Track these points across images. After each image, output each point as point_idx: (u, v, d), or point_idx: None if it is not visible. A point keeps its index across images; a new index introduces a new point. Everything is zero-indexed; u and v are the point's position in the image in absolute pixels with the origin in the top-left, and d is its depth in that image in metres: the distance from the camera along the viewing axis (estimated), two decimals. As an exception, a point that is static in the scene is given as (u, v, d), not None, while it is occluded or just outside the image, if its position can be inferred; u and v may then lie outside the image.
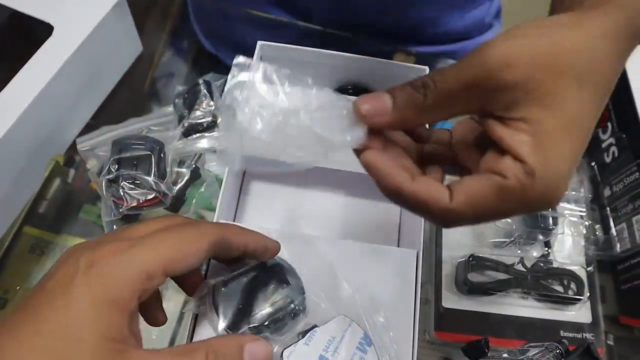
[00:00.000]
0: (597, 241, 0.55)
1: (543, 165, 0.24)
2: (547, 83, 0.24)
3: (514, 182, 0.24)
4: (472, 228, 0.56)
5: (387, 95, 0.27)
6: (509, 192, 0.24)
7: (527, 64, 0.24)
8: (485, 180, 0.25)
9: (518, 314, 0.53)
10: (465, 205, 0.25)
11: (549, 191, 0.25)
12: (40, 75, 0.52)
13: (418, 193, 0.26)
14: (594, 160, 0.60)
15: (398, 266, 0.45)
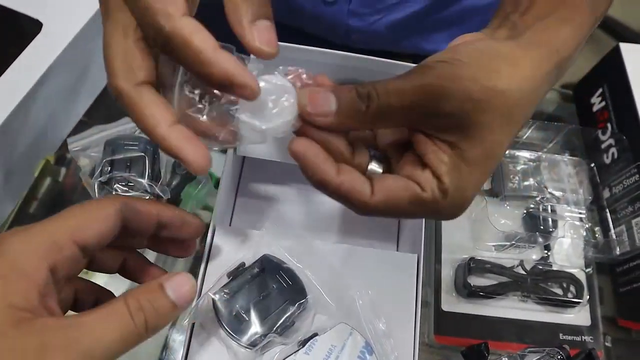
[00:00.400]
0: (596, 244, 0.54)
1: (456, 187, 0.27)
2: (477, 117, 0.26)
3: (429, 195, 0.27)
4: (472, 231, 0.55)
5: (333, 97, 0.28)
6: (423, 202, 0.28)
7: (463, 99, 0.26)
8: (404, 185, 0.28)
9: (517, 317, 0.52)
10: (383, 204, 0.28)
11: (455, 209, 0.28)
12: (29, 73, 0.51)
13: (341, 186, 0.28)
14: (593, 162, 0.60)
15: (399, 270, 0.44)
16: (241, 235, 0.44)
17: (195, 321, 0.39)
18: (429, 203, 0.28)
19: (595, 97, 0.63)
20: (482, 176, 0.28)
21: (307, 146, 0.28)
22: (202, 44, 0.24)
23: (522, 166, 0.58)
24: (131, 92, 0.27)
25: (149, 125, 0.27)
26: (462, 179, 0.27)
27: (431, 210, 0.28)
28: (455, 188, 0.27)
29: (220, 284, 0.40)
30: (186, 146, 0.27)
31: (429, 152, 0.28)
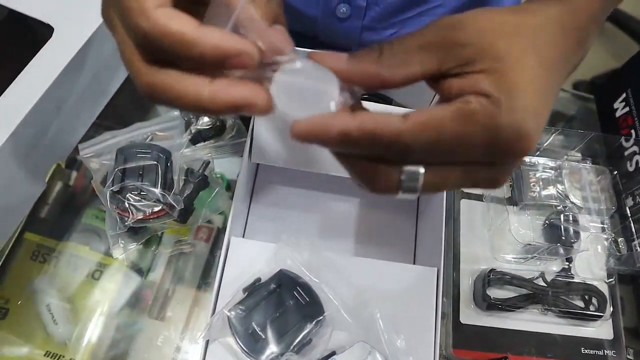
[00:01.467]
0: (620, 256, 0.53)
1: (508, 97, 0.23)
2: (500, 42, 0.24)
3: (477, 106, 0.23)
4: (491, 241, 0.54)
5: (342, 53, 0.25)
6: (473, 116, 0.22)
7: (475, 26, 0.24)
8: (445, 105, 0.23)
9: (538, 330, 0.51)
10: (422, 126, 0.22)
11: (519, 126, 0.23)
12: (41, 78, 0.50)
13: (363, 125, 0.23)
14: (616, 169, 0.58)
15: (418, 285, 0.43)
16: (256, 248, 0.43)
17: (211, 338, 0.38)
18: (479, 114, 0.22)
19: (618, 102, 0.62)
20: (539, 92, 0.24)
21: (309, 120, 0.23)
22: (181, 27, 0.23)
23: (543, 174, 0.56)
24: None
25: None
26: (514, 88, 0.23)
27: (486, 125, 0.22)
28: (508, 98, 0.22)
29: (235, 300, 0.39)
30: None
31: (465, 84, 0.23)
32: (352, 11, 0.53)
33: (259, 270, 0.41)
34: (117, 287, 0.51)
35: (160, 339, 0.49)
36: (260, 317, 0.38)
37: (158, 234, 0.53)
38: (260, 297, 0.38)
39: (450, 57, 0.24)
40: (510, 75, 0.23)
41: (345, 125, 0.22)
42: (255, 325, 0.37)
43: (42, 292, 0.51)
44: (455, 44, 0.24)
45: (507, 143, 0.23)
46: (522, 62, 0.24)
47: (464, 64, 0.24)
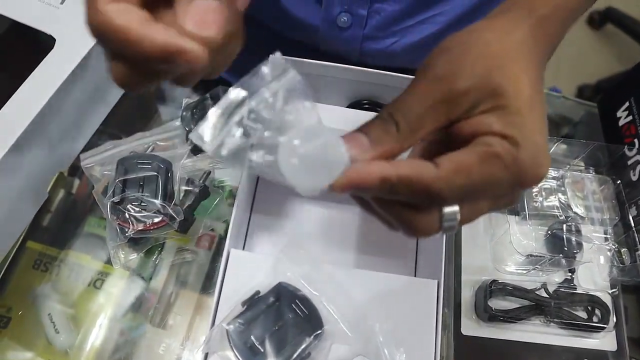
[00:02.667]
0: (623, 268, 0.52)
1: (522, 136, 0.25)
2: (494, 77, 0.26)
3: (500, 149, 0.25)
4: (493, 252, 0.54)
5: (361, 134, 0.26)
6: (497, 158, 0.25)
7: (470, 69, 0.26)
8: (470, 149, 0.25)
9: (540, 342, 0.51)
10: (454, 172, 0.24)
11: (536, 159, 0.25)
12: (43, 88, 0.50)
13: (400, 172, 0.24)
14: (619, 179, 0.58)
15: (418, 297, 0.43)
16: (256, 260, 0.43)
17: (210, 351, 0.38)
18: (503, 157, 0.24)
19: (621, 111, 0.61)
20: (540, 122, 0.26)
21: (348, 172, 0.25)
22: (127, 23, 0.22)
23: (545, 184, 0.56)
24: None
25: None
26: (523, 129, 0.25)
27: (510, 167, 0.25)
28: (523, 138, 0.25)
29: (234, 313, 0.39)
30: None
31: (475, 124, 0.26)
32: (353, 20, 0.53)
33: (259, 283, 0.41)
34: (119, 293, 0.51)
35: (162, 347, 0.49)
36: (259, 330, 0.38)
37: (160, 243, 0.53)
38: (259, 310, 0.38)
39: (457, 108, 0.26)
40: (515, 109, 0.25)
41: (384, 171, 0.24)
42: (254, 339, 0.37)
43: (44, 301, 0.51)
44: (458, 95, 0.25)
45: (529, 177, 0.25)
46: (519, 91, 0.26)
47: (470, 108, 0.26)
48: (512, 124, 0.25)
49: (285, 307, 0.39)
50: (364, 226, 0.54)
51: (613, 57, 1.76)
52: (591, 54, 1.71)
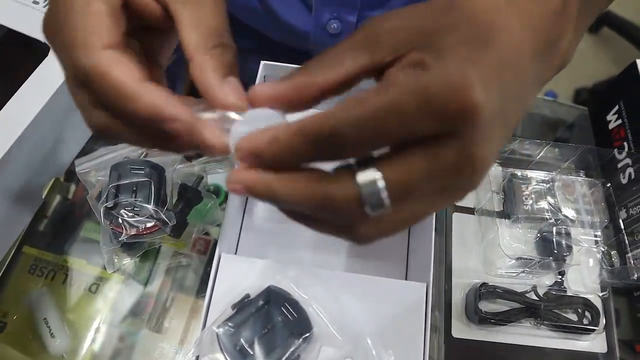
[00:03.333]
0: (613, 270, 0.53)
1: (436, 55, 0.20)
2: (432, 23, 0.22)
3: (399, 74, 0.21)
4: (483, 255, 0.54)
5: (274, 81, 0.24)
6: (395, 82, 0.20)
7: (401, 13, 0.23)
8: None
9: (531, 344, 0.51)
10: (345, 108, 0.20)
11: (450, 72, 0.20)
12: (38, 95, 0.51)
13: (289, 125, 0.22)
14: (609, 182, 0.58)
15: (407, 301, 0.43)
16: (246, 264, 0.43)
17: (200, 354, 0.38)
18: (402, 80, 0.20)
19: (611, 115, 0.62)
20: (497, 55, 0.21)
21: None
22: (122, 77, 0.22)
23: (535, 187, 0.56)
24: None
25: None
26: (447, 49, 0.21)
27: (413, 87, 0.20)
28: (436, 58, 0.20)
29: (224, 316, 0.39)
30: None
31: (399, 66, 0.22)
32: (342, 27, 0.54)
33: (249, 286, 0.41)
34: (115, 298, 0.52)
35: (157, 351, 0.50)
36: (248, 333, 0.38)
37: (156, 247, 0.54)
38: (249, 313, 0.39)
39: (379, 47, 0.22)
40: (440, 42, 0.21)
41: (274, 133, 0.21)
42: (244, 342, 0.38)
43: (40, 306, 0.51)
44: (382, 33, 0.22)
45: (441, 101, 0.19)
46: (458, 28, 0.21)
47: (396, 49, 0.22)
48: (428, 50, 0.21)
49: (275, 310, 0.39)
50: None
51: (610, 60, 1.77)
52: (588, 57, 1.72)
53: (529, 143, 0.58)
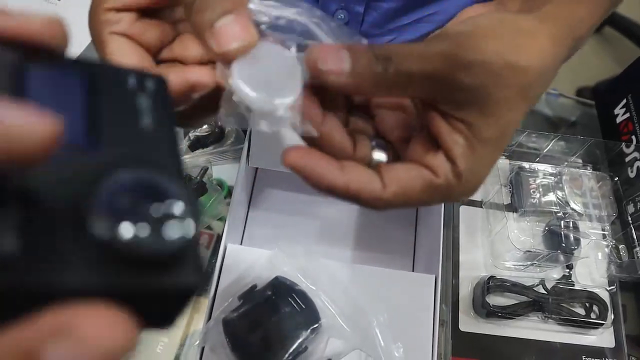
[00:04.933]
0: (621, 263, 0.52)
1: (470, 170, 0.26)
2: (496, 93, 0.25)
3: (443, 181, 0.26)
4: (491, 248, 0.54)
5: (347, 56, 0.25)
6: (437, 189, 0.26)
7: (485, 73, 0.25)
8: (416, 173, 0.27)
9: (538, 338, 0.51)
10: (396, 196, 0.26)
11: (468, 192, 0.27)
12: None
13: (349, 187, 0.26)
14: (617, 176, 0.58)
15: (416, 292, 0.43)
16: (253, 255, 0.42)
17: (206, 345, 0.38)
18: (442, 189, 0.26)
19: (619, 108, 0.61)
20: (496, 156, 0.27)
21: (304, 155, 0.25)
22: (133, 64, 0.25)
23: (543, 180, 0.56)
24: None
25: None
26: (477, 160, 0.26)
27: (443, 196, 0.27)
28: (469, 171, 0.26)
29: (231, 307, 0.38)
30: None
31: (444, 132, 0.26)
32: (350, 17, 0.53)
33: (255, 277, 0.40)
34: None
35: (160, 345, 0.49)
36: (255, 324, 0.38)
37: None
38: (256, 304, 0.38)
39: (447, 98, 0.25)
40: (483, 137, 0.26)
41: (333, 181, 0.25)
42: (251, 333, 0.37)
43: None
44: (459, 87, 0.25)
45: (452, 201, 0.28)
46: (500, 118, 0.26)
47: (455, 107, 0.25)
48: (471, 154, 0.26)
49: (282, 301, 0.39)
50: (361, 221, 0.54)
51: (612, 59, 1.76)
52: (590, 57, 1.71)
53: (536, 136, 0.57)
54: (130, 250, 0.13)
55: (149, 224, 0.13)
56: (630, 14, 1.70)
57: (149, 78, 0.19)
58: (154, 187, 0.14)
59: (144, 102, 0.18)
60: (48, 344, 0.12)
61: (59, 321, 0.13)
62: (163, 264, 0.14)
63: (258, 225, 0.52)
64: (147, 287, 0.14)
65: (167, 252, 0.14)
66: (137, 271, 0.14)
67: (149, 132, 0.18)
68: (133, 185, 0.14)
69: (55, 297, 0.13)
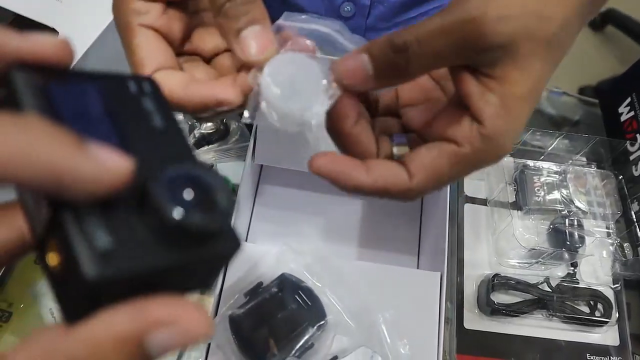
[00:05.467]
0: (626, 261, 0.52)
1: (501, 130, 0.25)
2: (525, 46, 0.24)
3: (468, 149, 0.25)
4: (495, 246, 0.54)
5: (367, 60, 0.25)
6: (464, 159, 0.26)
7: (514, 26, 0.24)
8: (438, 151, 0.26)
9: (543, 336, 0.51)
10: (425, 182, 0.26)
11: (500, 152, 0.26)
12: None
13: (376, 184, 0.26)
14: (621, 174, 0.58)
15: (421, 289, 0.43)
16: (259, 252, 0.42)
17: (212, 342, 0.38)
18: (470, 157, 0.25)
19: (623, 107, 0.61)
20: (529, 111, 0.26)
21: (329, 161, 0.26)
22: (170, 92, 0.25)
23: (547, 178, 0.56)
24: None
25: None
26: (509, 121, 0.25)
27: (474, 163, 0.26)
28: (500, 133, 0.25)
29: (237, 304, 0.38)
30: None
31: (475, 92, 0.25)
32: (356, 10, 0.53)
33: (261, 274, 0.40)
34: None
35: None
36: (261, 321, 0.38)
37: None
38: (262, 301, 0.38)
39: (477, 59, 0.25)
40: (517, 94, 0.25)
41: (360, 182, 0.25)
42: (257, 330, 0.37)
43: (45, 296, 0.51)
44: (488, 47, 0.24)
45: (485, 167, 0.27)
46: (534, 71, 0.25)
47: (487, 65, 0.25)
48: (503, 113, 0.25)
49: (289, 297, 0.39)
50: (367, 218, 0.54)
51: (614, 58, 1.76)
52: (592, 56, 1.71)
53: (541, 134, 0.57)
54: (194, 229, 0.16)
55: (201, 206, 0.16)
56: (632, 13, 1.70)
57: (144, 81, 0.21)
58: (196, 177, 0.17)
59: (148, 104, 0.20)
60: (156, 330, 0.16)
61: (167, 311, 0.16)
62: (214, 237, 0.17)
63: (263, 223, 0.52)
64: (206, 256, 0.17)
65: (218, 227, 0.17)
66: (198, 245, 0.17)
67: (163, 130, 0.20)
68: (181, 177, 0.17)
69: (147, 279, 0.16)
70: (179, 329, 0.16)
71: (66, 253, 0.15)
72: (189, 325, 0.16)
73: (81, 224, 0.16)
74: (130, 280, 0.16)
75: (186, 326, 0.16)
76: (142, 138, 0.19)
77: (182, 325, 0.16)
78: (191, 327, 0.16)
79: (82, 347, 0.16)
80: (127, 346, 0.16)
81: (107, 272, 0.15)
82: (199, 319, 0.16)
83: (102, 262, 0.15)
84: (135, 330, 0.16)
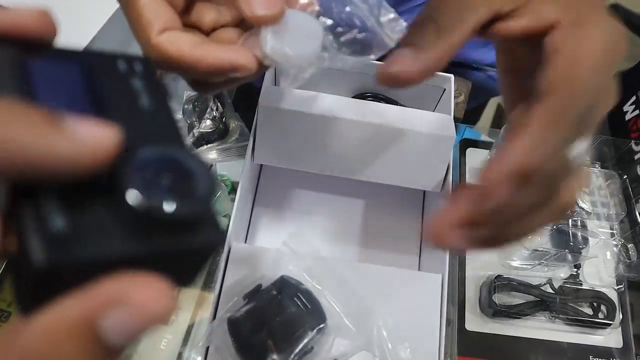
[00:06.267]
0: (629, 263, 0.52)
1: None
2: None
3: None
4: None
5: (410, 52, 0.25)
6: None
7: None
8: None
9: (545, 338, 0.50)
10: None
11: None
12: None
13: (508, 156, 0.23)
14: (626, 174, 0.57)
15: (422, 292, 0.42)
16: (258, 254, 0.42)
17: (210, 345, 0.37)
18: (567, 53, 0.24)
19: (628, 105, 0.60)
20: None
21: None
22: (179, 51, 0.25)
23: (551, 178, 0.55)
24: None
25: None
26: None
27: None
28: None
29: (236, 307, 0.38)
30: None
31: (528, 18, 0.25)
32: None
33: (260, 276, 0.40)
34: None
35: (164, 342, 0.49)
36: (260, 324, 0.37)
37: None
38: (261, 303, 0.38)
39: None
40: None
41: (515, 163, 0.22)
42: (256, 332, 0.37)
43: (44, 295, 0.50)
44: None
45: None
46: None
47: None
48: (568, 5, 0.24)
49: (288, 300, 0.38)
50: (367, 219, 0.53)
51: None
52: (595, 52, 1.70)
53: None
54: (163, 216, 0.15)
55: (174, 192, 0.15)
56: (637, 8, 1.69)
57: (136, 61, 0.20)
58: (172, 160, 0.16)
59: (137, 84, 0.19)
60: (106, 312, 0.14)
61: (115, 291, 0.14)
62: (190, 226, 0.16)
63: (263, 223, 0.52)
64: (179, 247, 0.16)
65: (193, 215, 0.15)
66: (170, 234, 0.15)
67: (150, 111, 0.19)
68: (154, 160, 0.16)
69: (105, 267, 0.14)
70: (132, 308, 0.14)
71: (19, 237, 0.14)
72: (143, 301, 0.14)
73: (39, 206, 0.14)
74: (85, 268, 0.14)
75: (139, 303, 0.14)
76: (125, 118, 0.17)
77: (135, 303, 0.14)
78: (146, 303, 0.14)
79: (36, 339, 0.14)
80: (80, 333, 0.14)
81: (57, 259, 0.14)
82: (154, 294, 0.14)
83: (52, 247, 0.14)
84: (85, 314, 0.14)
